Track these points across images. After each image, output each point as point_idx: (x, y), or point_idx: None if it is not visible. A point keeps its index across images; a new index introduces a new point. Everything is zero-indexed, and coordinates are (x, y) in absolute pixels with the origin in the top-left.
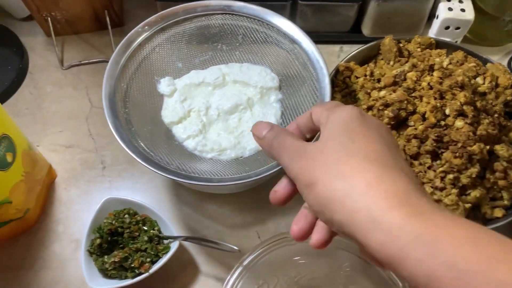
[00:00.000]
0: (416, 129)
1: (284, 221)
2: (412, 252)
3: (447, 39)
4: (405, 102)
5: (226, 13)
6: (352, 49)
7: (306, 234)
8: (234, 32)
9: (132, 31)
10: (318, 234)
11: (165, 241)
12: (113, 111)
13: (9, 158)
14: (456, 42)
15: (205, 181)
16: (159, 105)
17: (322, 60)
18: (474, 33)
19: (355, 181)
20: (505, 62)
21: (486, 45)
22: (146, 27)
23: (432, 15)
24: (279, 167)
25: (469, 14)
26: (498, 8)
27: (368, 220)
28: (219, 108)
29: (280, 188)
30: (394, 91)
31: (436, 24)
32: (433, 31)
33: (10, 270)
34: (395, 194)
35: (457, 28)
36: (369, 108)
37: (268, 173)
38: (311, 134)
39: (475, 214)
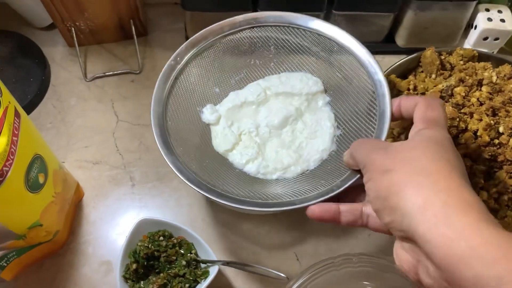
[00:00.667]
0: (468, 147)
1: (323, 241)
2: (485, 252)
3: (485, 50)
4: (457, 119)
5: (254, 26)
6: (385, 60)
7: (323, 215)
8: (265, 44)
9: (166, 66)
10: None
11: (203, 265)
12: (169, 151)
13: (41, 179)
14: (493, 53)
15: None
16: (208, 136)
17: (373, 60)
18: (509, 43)
19: (438, 180)
20: None
21: None
22: (178, 58)
23: (468, 25)
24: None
25: (509, 25)
26: None
27: (440, 215)
28: (269, 125)
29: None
30: None
31: (474, 34)
32: (470, 42)
33: None
34: (472, 202)
35: (496, 39)
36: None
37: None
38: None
39: None
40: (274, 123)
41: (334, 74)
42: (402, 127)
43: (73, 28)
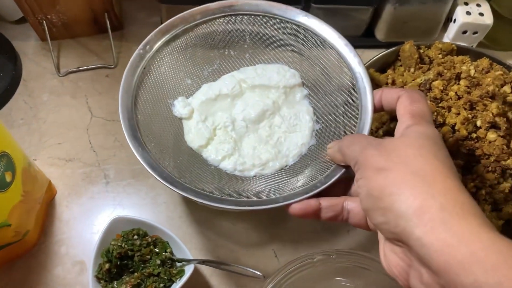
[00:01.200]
0: (445, 141)
1: (301, 238)
2: (486, 257)
3: (464, 44)
4: (434, 113)
5: (227, 15)
6: (365, 54)
7: (304, 212)
8: (240, 34)
9: (134, 54)
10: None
11: (179, 264)
12: (140, 146)
13: (8, 177)
14: (472, 47)
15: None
16: (180, 131)
17: (354, 52)
18: (488, 37)
19: (435, 182)
20: None
21: (500, 49)
22: (147, 47)
23: (447, 19)
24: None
25: (488, 19)
26: None
27: (437, 219)
28: (245, 119)
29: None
30: None
31: (453, 28)
32: (449, 36)
33: None
34: (470, 206)
35: (475, 32)
36: (393, 119)
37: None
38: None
39: (506, 230)
40: (251, 117)
41: (312, 67)
42: (380, 121)
43: (44, 22)
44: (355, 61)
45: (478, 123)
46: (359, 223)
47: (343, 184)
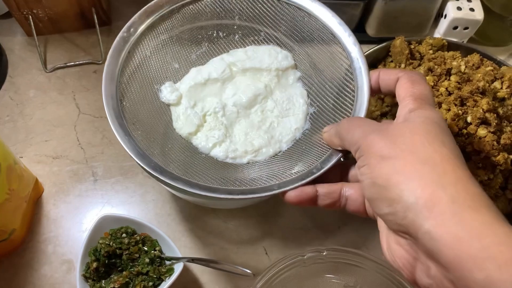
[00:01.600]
0: None
1: (292, 235)
2: (499, 253)
3: (454, 40)
4: None
5: None
6: None
7: (301, 200)
8: (229, 13)
9: (117, 38)
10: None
11: (168, 262)
12: (126, 135)
13: None
14: (463, 42)
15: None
16: (168, 118)
17: (349, 31)
18: (479, 33)
19: (446, 172)
20: (511, 63)
21: (490, 45)
22: (132, 29)
23: (438, 15)
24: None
25: (479, 14)
26: (506, 8)
27: (448, 212)
28: (236, 104)
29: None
30: None
31: (443, 24)
32: (440, 31)
33: None
34: (481, 198)
35: (466, 28)
36: (383, 114)
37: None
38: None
39: None
40: (242, 102)
41: (305, 47)
42: (381, 111)
43: (30, 16)
44: (349, 41)
45: (469, 119)
46: (357, 210)
47: (340, 170)
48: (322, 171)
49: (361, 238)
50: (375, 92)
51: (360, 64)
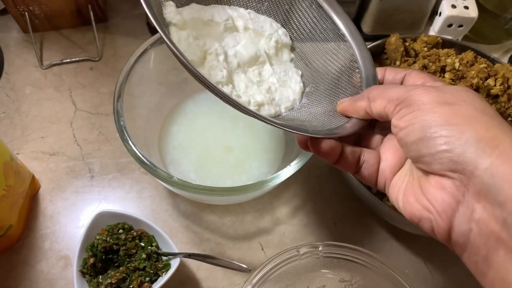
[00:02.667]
0: None
1: (288, 230)
2: None
3: (449, 37)
4: None
5: None
6: None
7: (332, 150)
8: None
9: None
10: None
11: (164, 258)
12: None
13: None
14: (457, 40)
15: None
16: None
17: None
18: (473, 30)
19: (503, 121)
20: (505, 61)
21: (484, 43)
22: None
23: (433, 13)
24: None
25: (473, 12)
26: (500, 6)
27: (511, 151)
28: (237, 56)
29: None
30: None
31: (438, 21)
32: (434, 29)
33: None
34: None
35: (460, 26)
36: None
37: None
38: None
39: None
40: (243, 55)
41: (301, 28)
42: None
43: (26, 13)
44: (351, 29)
45: None
46: (371, 176)
47: (353, 140)
48: (352, 130)
49: (356, 233)
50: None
51: (364, 52)
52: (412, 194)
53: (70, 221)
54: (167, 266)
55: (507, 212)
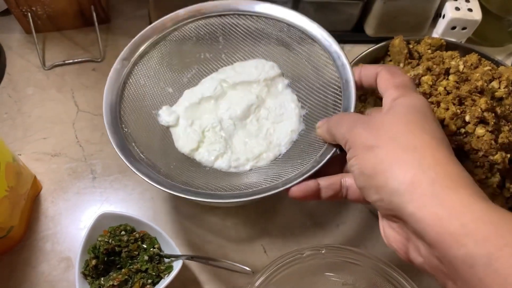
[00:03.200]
0: None
1: (291, 233)
2: (476, 229)
3: (452, 40)
4: None
5: (197, 19)
6: (354, 49)
7: (305, 194)
8: (213, 35)
9: (112, 70)
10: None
11: (167, 260)
12: (131, 156)
13: None
14: (461, 42)
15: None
16: (170, 139)
17: (326, 33)
18: (477, 33)
19: (425, 156)
20: (508, 63)
21: (488, 45)
22: (124, 61)
23: (436, 15)
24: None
25: (477, 14)
26: (503, 8)
27: (429, 193)
28: (232, 117)
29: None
30: None
31: (442, 24)
32: (438, 31)
33: None
34: (460, 177)
35: (464, 28)
36: None
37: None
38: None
39: None
40: (237, 114)
41: (288, 55)
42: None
43: (29, 14)
44: (330, 40)
45: (467, 118)
46: (358, 199)
47: (339, 162)
48: (321, 164)
49: (359, 236)
50: (359, 87)
51: (342, 60)
52: (382, 228)
53: (71, 223)
54: (169, 269)
55: (438, 253)
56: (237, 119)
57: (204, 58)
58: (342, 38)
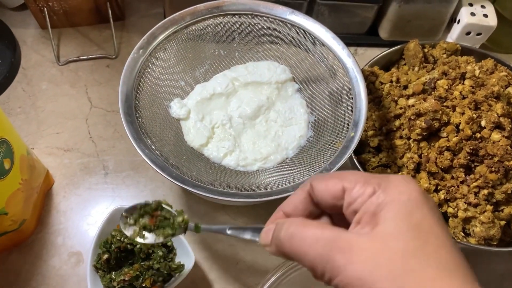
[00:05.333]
0: (449, 140)
1: None
2: None
3: (468, 45)
4: (440, 112)
5: (216, 15)
6: (367, 52)
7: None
8: (229, 33)
9: (129, 59)
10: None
11: (177, 260)
12: (145, 147)
13: (6, 165)
14: (475, 48)
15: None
16: (179, 132)
17: (342, 44)
18: (490, 39)
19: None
20: None
21: (502, 52)
22: (141, 50)
23: (451, 20)
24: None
25: (492, 20)
26: None
27: None
28: (242, 116)
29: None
30: (424, 99)
31: (456, 29)
32: (452, 36)
33: None
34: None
35: (479, 34)
36: (397, 116)
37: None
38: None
39: (505, 231)
40: (247, 113)
41: (301, 61)
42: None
43: (46, 9)
44: (344, 53)
45: (483, 123)
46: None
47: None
48: (332, 171)
49: None
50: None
51: (355, 73)
52: None
53: (83, 218)
54: (180, 267)
55: None
56: (247, 118)
57: (218, 55)
58: (355, 40)
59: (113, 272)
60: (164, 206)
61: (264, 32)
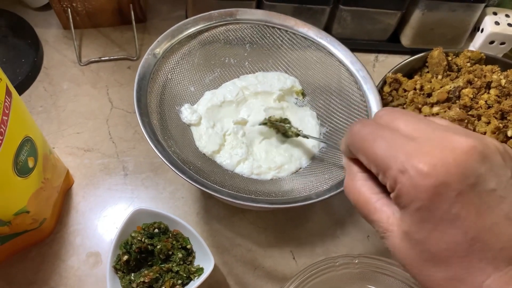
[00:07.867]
0: None
1: (320, 241)
2: None
3: (492, 54)
4: (465, 121)
5: (229, 23)
6: (388, 59)
7: None
8: (241, 41)
9: (143, 59)
10: None
11: (197, 263)
12: (163, 149)
13: (30, 163)
14: (499, 57)
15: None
16: (190, 137)
17: (354, 57)
18: None
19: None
20: None
21: None
22: (155, 52)
23: (474, 28)
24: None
25: None
26: None
27: None
28: (254, 125)
29: None
30: (449, 107)
31: (480, 37)
32: (475, 45)
33: (21, 286)
34: None
35: (502, 43)
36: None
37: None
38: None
39: None
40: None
41: (311, 73)
42: None
43: (69, 9)
44: (358, 65)
45: (509, 133)
46: None
47: None
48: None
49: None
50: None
51: (368, 85)
52: None
53: (101, 218)
54: (200, 271)
55: None
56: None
57: (228, 63)
58: (376, 47)
59: (132, 274)
60: None
61: (275, 43)
